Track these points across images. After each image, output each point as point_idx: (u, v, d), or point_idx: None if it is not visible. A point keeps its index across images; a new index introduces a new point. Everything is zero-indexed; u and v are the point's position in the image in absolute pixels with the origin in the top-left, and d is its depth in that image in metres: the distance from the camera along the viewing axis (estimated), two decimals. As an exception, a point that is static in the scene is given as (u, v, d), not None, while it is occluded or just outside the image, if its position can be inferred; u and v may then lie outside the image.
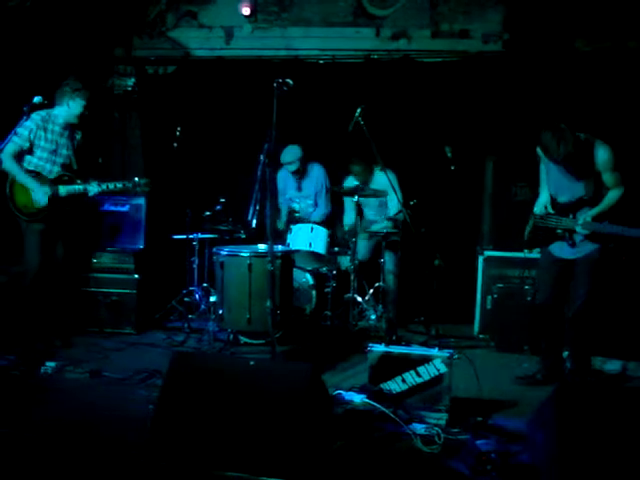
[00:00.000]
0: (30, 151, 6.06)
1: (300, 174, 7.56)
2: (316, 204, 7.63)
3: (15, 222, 6.11)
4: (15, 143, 5.91)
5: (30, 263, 6.08)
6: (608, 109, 7.20)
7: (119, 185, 6.30)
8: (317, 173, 7.64)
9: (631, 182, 5.29)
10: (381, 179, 7.15)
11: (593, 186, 5.23)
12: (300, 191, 7.66)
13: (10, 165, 5.98)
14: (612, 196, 5.21)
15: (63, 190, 6.11)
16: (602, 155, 5.16)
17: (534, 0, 7.62)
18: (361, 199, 7.11)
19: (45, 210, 6.02)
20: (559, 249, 5.43)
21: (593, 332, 5.50)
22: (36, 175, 6.04)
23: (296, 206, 7.65)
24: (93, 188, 6.19)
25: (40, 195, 5.98)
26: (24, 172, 6.01)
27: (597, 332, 5.67)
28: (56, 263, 6.26)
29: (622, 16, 7.40)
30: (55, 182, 6.10)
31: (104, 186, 6.23)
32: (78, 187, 6.17)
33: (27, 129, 5.94)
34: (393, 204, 7.27)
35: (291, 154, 7.40)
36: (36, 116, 5.97)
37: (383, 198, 7.38)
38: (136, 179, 6.37)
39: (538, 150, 5.41)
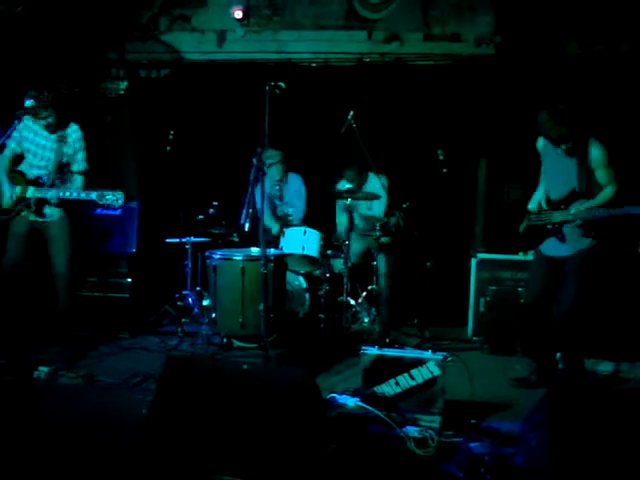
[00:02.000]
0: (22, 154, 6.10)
1: (282, 176, 7.57)
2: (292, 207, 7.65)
3: None
4: (8, 147, 6.00)
5: (4, 263, 6.10)
6: (600, 111, 7.22)
7: (74, 194, 5.95)
8: (294, 181, 7.68)
9: (624, 182, 5.32)
10: (374, 182, 7.16)
11: (586, 180, 5.26)
12: (281, 200, 7.70)
13: None
14: (606, 193, 5.23)
15: (30, 192, 6.03)
16: (595, 152, 5.24)
17: (526, 3, 7.64)
18: (354, 204, 7.10)
19: (11, 210, 6.02)
20: (550, 247, 5.45)
21: (585, 333, 5.52)
22: (17, 175, 6.05)
23: (279, 213, 7.68)
24: (49, 194, 5.99)
25: (7, 195, 6.01)
26: (3, 173, 6.04)
27: (589, 333, 5.69)
28: (54, 274, 6.22)
29: (615, 19, 7.42)
30: (29, 183, 6.06)
31: (63, 193, 5.95)
32: (43, 191, 5.99)
33: (16, 130, 5.95)
34: (381, 207, 7.27)
35: (270, 155, 7.35)
36: (24, 117, 5.98)
37: (370, 205, 7.39)
38: (104, 192, 5.89)
39: (538, 142, 5.47)
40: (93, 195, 5.95)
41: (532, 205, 5.61)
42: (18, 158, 6.07)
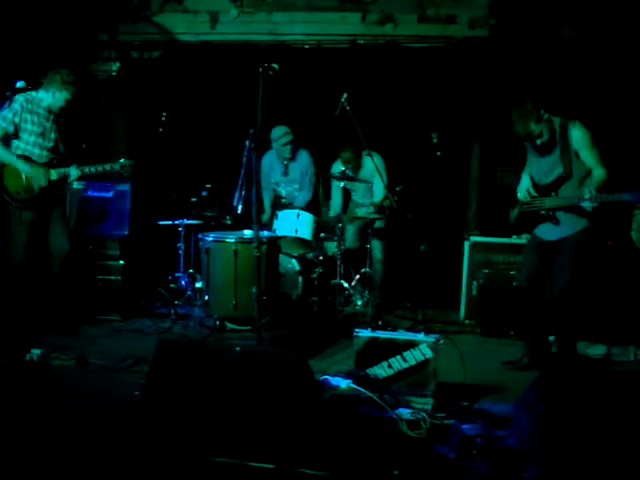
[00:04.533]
0: (16, 135, 6.01)
1: (292, 151, 7.53)
2: (300, 188, 7.61)
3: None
4: (0, 127, 5.90)
5: (16, 252, 6.06)
6: (594, 94, 7.21)
7: (99, 168, 6.21)
8: (304, 158, 7.63)
9: (616, 166, 5.32)
10: (369, 164, 7.15)
11: (570, 164, 5.25)
12: (286, 175, 7.63)
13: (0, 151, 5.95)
14: (600, 175, 5.19)
15: (54, 174, 6.08)
16: (575, 133, 5.23)
17: (520, -15, 7.61)
18: (349, 184, 7.10)
19: (39, 195, 5.99)
20: (545, 231, 5.45)
21: (578, 316, 5.52)
22: (26, 160, 6.00)
23: (282, 191, 7.65)
24: (73, 172, 6.12)
25: (39, 177, 5.98)
26: (15, 157, 5.97)
27: (582, 317, 5.70)
28: (56, 252, 6.21)
29: (610, 2, 7.39)
30: (46, 166, 6.06)
31: (86, 169, 6.15)
32: (65, 170, 6.11)
33: (11, 111, 5.91)
34: (378, 189, 7.27)
35: (279, 129, 7.39)
36: (20, 97, 5.95)
37: (370, 188, 7.39)
38: (122, 160, 6.27)
39: None
40: (117, 166, 6.26)
41: (521, 194, 5.60)
42: (6, 139, 6.03)
